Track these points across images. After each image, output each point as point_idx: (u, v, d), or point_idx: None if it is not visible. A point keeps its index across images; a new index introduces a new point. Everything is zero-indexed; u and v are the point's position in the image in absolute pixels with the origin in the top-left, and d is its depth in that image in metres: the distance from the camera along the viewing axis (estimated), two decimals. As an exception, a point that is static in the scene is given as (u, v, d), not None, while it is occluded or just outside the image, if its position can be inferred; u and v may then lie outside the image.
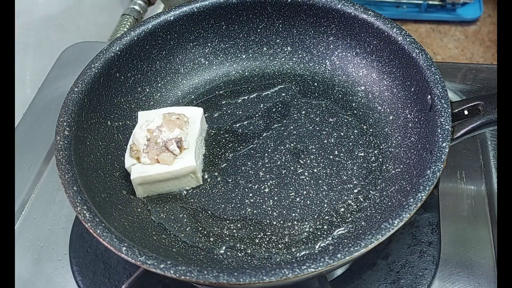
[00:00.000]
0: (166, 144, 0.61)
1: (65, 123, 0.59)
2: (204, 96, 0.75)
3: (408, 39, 0.64)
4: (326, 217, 0.60)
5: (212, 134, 0.70)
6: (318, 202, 0.62)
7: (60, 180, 0.54)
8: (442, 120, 0.56)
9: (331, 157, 0.66)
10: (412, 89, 0.64)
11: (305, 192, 0.63)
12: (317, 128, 0.69)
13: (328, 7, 0.71)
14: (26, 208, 0.72)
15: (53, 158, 0.77)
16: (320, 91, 0.73)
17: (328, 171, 0.64)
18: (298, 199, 0.62)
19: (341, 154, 0.66)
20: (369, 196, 0.62)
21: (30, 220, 0.71)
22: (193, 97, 0.75)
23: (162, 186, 0.63)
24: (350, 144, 0.67)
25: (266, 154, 0.67)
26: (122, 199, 0.62)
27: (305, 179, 0.64)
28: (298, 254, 0.57)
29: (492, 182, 0.69)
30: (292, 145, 0.67)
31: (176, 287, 0.63)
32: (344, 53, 0.74)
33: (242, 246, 0.59)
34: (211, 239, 0.59)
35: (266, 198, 0.62)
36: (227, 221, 0.61)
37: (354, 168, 0.64)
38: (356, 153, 0.66)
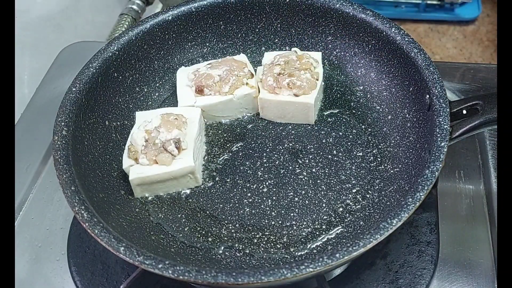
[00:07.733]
0: (165, 144, 0.61)
1: (63, 123, 0.59)
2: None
3: (406, 39, 0.64)
4: (325, 217, 0.60)
5: (210, 134, 0.70)
6: (316, 202, 0.61)
7: (58, 180, 0.54)
8: (440, 119, 0.56)
9: (329, 156, 0.66)
10: (411, 88, 0.64)
11: (303, 192, 0.62)
12: (316, 128, 0.69)
13: (327, 7, 0.71)
14: (24, 208, 0.72)
15: (51, 158, 0.77)
16: (318, 91, 0.73)
17: (326, 171, 0.64)
18: (296, 199, 0.62)
19: (340, 154, 0.66)
20: (368, 195, 0.62)
21: (28, 220, 0.71)
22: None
23: (161, 187, 0.62)
24: (349, 143, 0.67)
25: (265, 154, 0.67)
26: (120, 199, 0.61)
27: (303, 179, 0.64)
28: (296, 254, 0.57)
29: (491, 182, 0.69)
30: (290, 144, 0.67)
31: (175, 287, 0.62)
32: (342, 53, 0.73)
33: (241, 246, 0.58)
34: (210, 239, 0.59)
35: (264, 198, 0.62)
36: (226, 221, 0.61)
37: (353, 167, 0.64)
38: (354, 152, 0.66)
